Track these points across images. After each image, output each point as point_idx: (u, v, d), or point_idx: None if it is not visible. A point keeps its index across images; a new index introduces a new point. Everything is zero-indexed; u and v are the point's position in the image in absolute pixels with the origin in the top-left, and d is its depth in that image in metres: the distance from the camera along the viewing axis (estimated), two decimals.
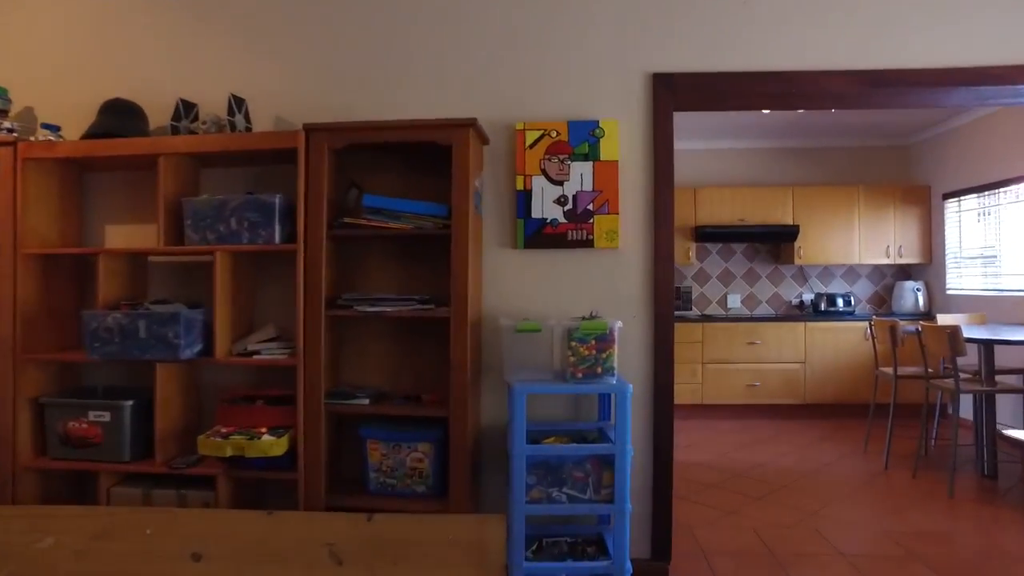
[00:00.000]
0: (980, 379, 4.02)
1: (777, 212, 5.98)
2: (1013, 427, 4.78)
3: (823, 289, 6.30)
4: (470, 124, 2.38)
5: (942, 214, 5.80)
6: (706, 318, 5.86)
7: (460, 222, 2.39)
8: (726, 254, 6.34)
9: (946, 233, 5.76)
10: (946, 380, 4.03)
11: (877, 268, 6.30)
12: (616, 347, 2.32)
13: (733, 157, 6.40)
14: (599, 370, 2.28)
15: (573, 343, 2.29)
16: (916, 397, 5.50)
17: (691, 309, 6.02)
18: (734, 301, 6.33)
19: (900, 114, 5.44)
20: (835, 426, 5.45)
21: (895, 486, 3.87)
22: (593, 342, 2.28)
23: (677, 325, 5.75)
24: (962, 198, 5.55)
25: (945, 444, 4.77)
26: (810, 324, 5.71)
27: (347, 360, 2.80)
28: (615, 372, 2.30)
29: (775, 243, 6.25)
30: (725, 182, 6.39)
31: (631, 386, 2.32)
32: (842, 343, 5.69)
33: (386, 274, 2.80)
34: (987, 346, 3.95)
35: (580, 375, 2.29)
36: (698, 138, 6.24)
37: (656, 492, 2.68)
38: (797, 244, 5.95)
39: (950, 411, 5.47)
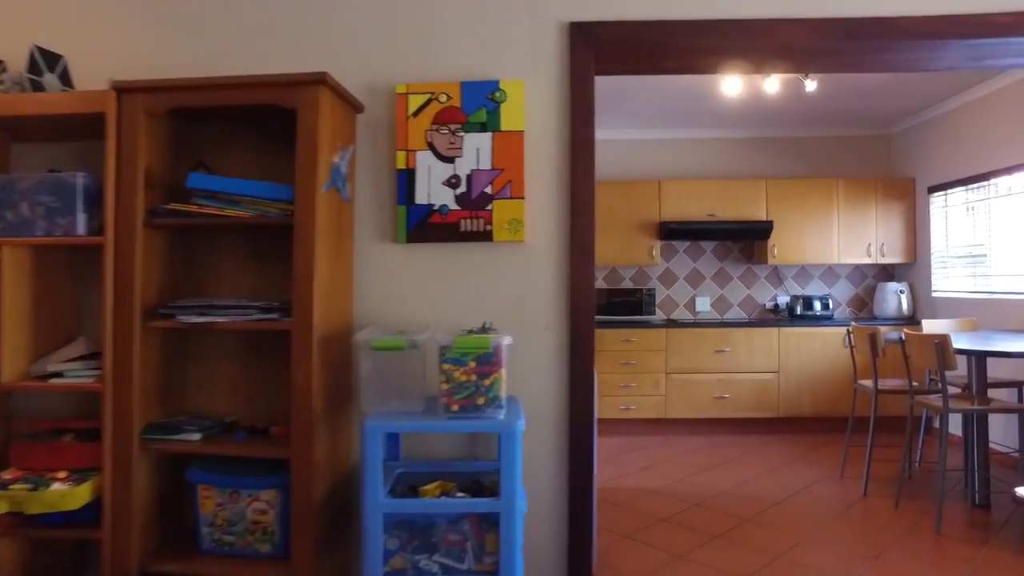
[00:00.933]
0: (971, 395, 3.51)
1: (749, 207, 5.47)
2: (1006, 446, 4.28)
3: (799, 291, 5.79)
4: (319, 80, 1.83)
5: (927, 209, 5.31)
6: (671, 323, 5.33)
7: (305, 207, 1.84)
8: (695, 253, 5.82)
9: (932, 230, 5.27)
10: (933, 396, 3.52)
11: (858, 268, 5.80)
12: (504, 370, 1.77)
13: (701, 148, 5.89)
14: (480, 401, 1.74)
15: (446, 366, 1.74)
16: (900, 409, 5.00)
17: (654, 313, 5.50)
18: (703, 304, 5.82)
19: (882, 99, 4.94)
20: (811, 443, 4.93)
21: (875, 518, 3.35)
22: (472, 364, 1.73)
23: (639, 332, 5.23)
24: (949, 192, 5.06)
25: (931, 466, 4.26)
26: (785, 330, 5.20)
27: (194, 384, 2.24)
28: (502, 403, 1.76)
29: (748, 241, 5.74)
30: (693, 174, 5.87)
31: (522, 422, 1.77)
32: (820, 350, 5.19)
33: (241, 276, 2.24)
34: (979, 358, 3.44)
35: (455, 407, 1.74)
36: (661, 127, 5.73)
37: (572, 554, 2.14)
38: (771, 242, 5.44)
39: (936, 424, 4.98)
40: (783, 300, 5.77)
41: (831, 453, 4.62)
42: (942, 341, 3.16)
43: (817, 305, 5.47)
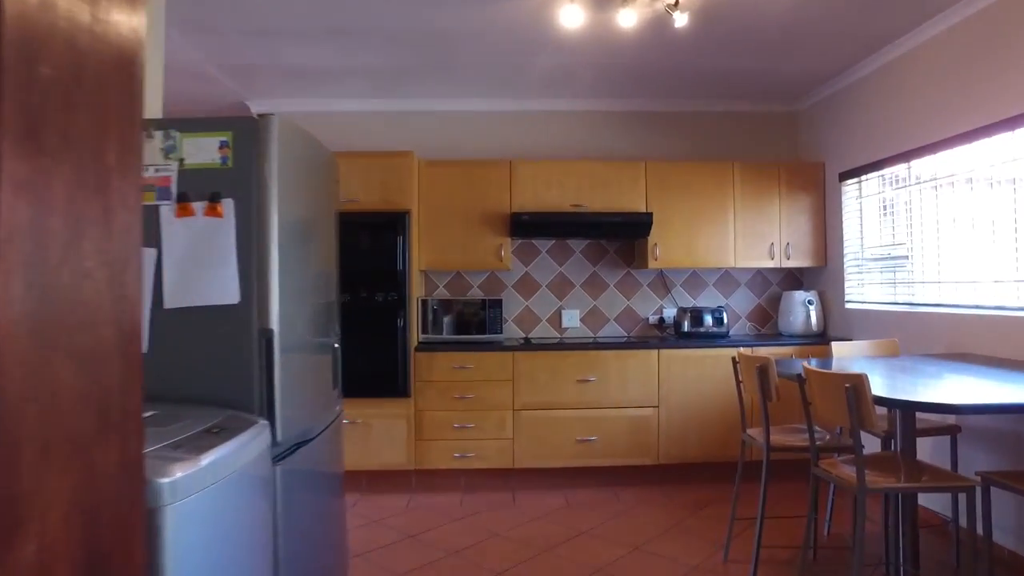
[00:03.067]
0: (895, 456, 2.41)
1: (625, 195, 4.32)
2: (940, 513, 3.24)
3: (690, 302, 4.69)
4: None
5: (839, 200, 4.29)
6: (526, 345, 4.10)
7: None
8: (561, 254, 4.63)
9: (844, 226, 4.25)
10: (842, 460, 2.39)
11: (760, 274, 4.74)
12: None
13: (563, 122, 4.72)
14: None
15: None
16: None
17: (500, 331, 4.25)
18: (571, 319, 4.63)
19: (780, 60, 3.87)
20: (697, 499, 3.79)
21: None
22: None
23: (480, 356, 3.98)
24: (863, 178, 4.04)
25: (842, 540, 3.16)
26: (667, 352, 4.06)
27: None
28: None
29: (626, 239, 4.59)
30: (553, 154, 4.69)
31: None
32: (710, 378, 4.07)
33: None
34: (905, 413, 2.34)
35: None
36: (510, 96, 4.52)
37: None
38: (652, 240, 4.30)
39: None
40: (670, 314, 4.65)
41: (719, 515, 3.48)
42: (855, 385, 2.01)
43: (709, 320, 4.36)
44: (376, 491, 3.98)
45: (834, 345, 3.33)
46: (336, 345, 2.61)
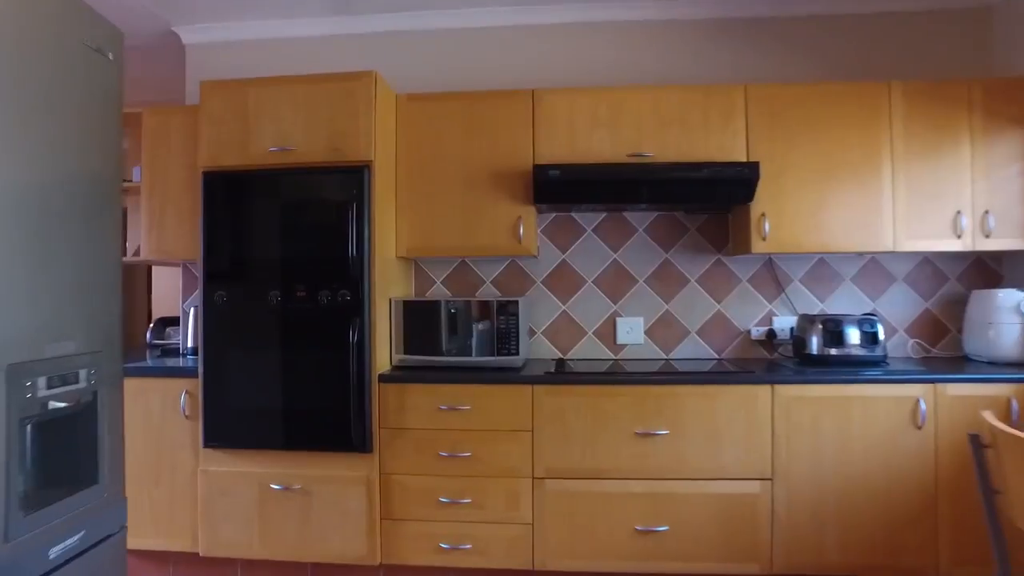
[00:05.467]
0: None
1: (713, 138, 2.75)
2: None
3: (817, 306, 3.05)
4: None
5: None
6: (559, 373, 2.61)
7: None
8: (615, 233, 3.10)
9: None
10: None
11: (928, 263, 3.04)
12: None
13: (613, 34, 3.18)
14: None
15: None
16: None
17: (515, 351, 2.74)
18: (631, 331, 3.09)
19: None
20: None
21: None
22: None
23: (482, 392, 2.52)
24: None
25: None
26: (784, 389, 2.46)
27: None
28: None
29: (717, 208, 3.00)
30: (598, 79, 3.16)
31: None
32: (863, 434, 2.44)
33: None
34: None
35: None
36: (543, 2, 3.04)
37: None
38: (757, 209, 2.71)
39: None
40: (785, 324, 3.03)
41: None
42: None
43: (854, 335, 2.72)
44: None
45: None
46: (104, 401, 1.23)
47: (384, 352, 2.66)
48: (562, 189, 2.67)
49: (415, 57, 3.20)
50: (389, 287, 2.73)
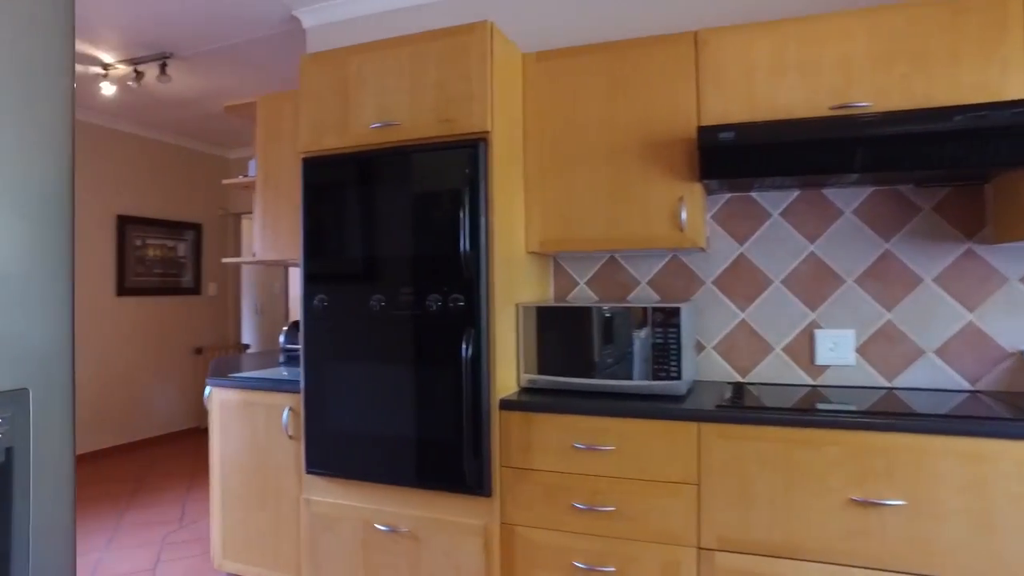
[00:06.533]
0: None
1: (965, 72, 1.90)
2: None
3: None
4: None
5: None
6: (733, 406, 1.93)
7: None
8: (811, 216, 2.32)
9: None
10: None
11: None
12: None
13: None
14: None
15: None
16: None
17: (677, 375, 2.07)
18: (837, 348, 2.28)
19: None
20: None
21: None
22: None
23: (629, 426, 1.92)
24: None
25: None
26: None
27: None
28: None
29: (968, 178, 2.12)
30: (783, 10, 2.38)
31: None
32: None
33: None
34: None
35: None
36: None
37: None
38: None
39: None
40: None
41: None
42: None
43: None
44: None
45: None
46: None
47: (508, 371, 2.15)
48: (738, 158, 1.98)
49: (546, 7, 2.66)
50: (516, 290, 2.22)
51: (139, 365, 5.21)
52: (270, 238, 2.73)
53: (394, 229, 2.12)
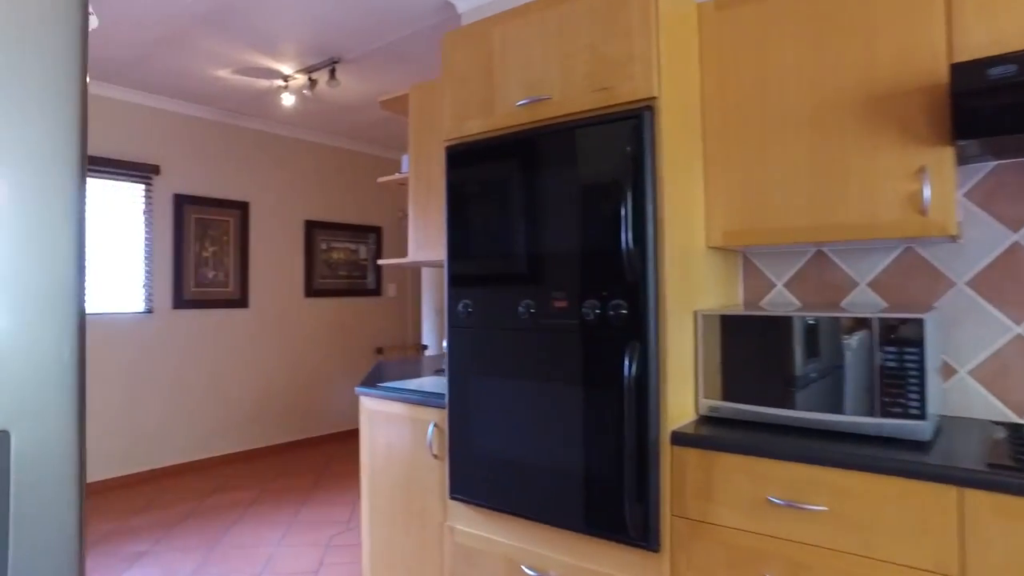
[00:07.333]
0: None
1: None
2: None
3: None
4: None
5: None
6: (1016, 460, 1.35)
7: None
8: None
9: None
10: None
11: None
12: None
13: None
14: None
15: None
16: None
17: (922, 415, 1.50)
18: None
19: None
20: None
21: None
22: None
23: (850, 480, 1.41)
24: None
25: None
26: None
27: None
28: None
29: None
30: None
31: None
32: None
33: None
34: None
35: None
36: None
37: None
38: None
39: None
40: None
41: None
42: None
43: None
44: None
45: None
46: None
47: (683, 395, 1.73)
48: (1018, 103, 1.38)
49: None
50: (694, 294, 1.80)
51: (324, 364, 5.47)
52: (421, 237, 2.56)
53: (543, 222, 1.81)
